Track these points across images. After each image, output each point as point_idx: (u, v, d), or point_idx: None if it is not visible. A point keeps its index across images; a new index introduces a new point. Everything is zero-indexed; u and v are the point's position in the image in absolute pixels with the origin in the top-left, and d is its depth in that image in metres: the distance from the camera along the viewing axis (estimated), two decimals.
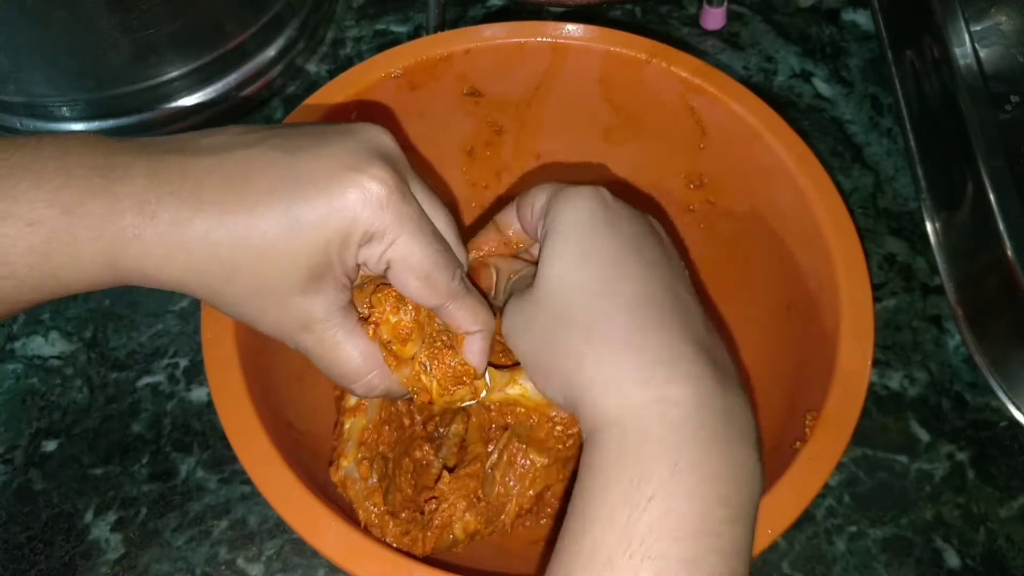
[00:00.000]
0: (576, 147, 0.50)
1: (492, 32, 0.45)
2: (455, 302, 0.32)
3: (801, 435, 0.35)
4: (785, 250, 0.43)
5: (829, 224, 0.39)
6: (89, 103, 0.55)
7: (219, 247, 0.28)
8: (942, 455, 0.48)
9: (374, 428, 0.39)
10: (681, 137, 0.46)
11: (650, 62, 0.45)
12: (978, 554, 0.45)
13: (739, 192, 0.46)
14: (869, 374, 0.36)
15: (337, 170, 0.28)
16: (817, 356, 0.38)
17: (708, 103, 0.44)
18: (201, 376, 0.50)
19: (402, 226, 0.29)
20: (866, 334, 0.37)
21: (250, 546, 0.45)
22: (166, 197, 0.27)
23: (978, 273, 0.51)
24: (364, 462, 0.38)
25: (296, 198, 0.28)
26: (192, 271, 0.28)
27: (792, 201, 0.41)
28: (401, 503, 0.38)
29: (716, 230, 0.48)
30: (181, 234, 0.27)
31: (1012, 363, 0.49)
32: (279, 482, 0.33)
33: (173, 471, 0.47)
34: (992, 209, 0.48)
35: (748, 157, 0.43)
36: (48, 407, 0.49)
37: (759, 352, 0.44)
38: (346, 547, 0.32)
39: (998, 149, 0.50)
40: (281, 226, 0.28)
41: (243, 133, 0.30)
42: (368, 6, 0.66)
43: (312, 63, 0.63)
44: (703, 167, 0.47)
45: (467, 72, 0.46)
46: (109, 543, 0.45)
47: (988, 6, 0.63)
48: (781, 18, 0.66)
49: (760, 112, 0.43)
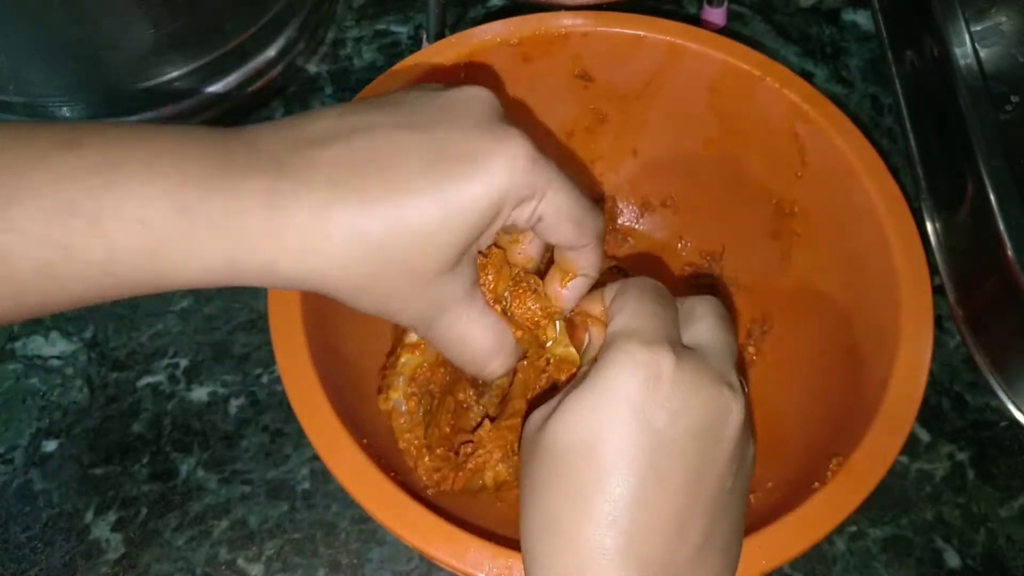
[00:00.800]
0: (676, 150, 0.50)
1: (613, 19, 0.45)
2: (597, 242, 0.32)
3: (822, 478, 0.34)
4: (855, 296, 0.42)
5: (907, 278, 0.38)
6: (89, 103, 0.55)
7: (367, 236, 0.26)
8: (942, 455, 0.48)
9: (429, 367, 0.40)
10: (781, 161, 0.46)
11: (764, 79, 0.44)
12: (978, 554, 0.45)
13: (828, 227, 0.45)
14: (907, 436, 0.35)
15: (478, 141, 0.27)
16: (858, 405, 0.37)
17: (813, 132, 0.43)
18: (201, 376, 0.50)
19: (549, 181, 0.29)
20: (914, 397, 0.36)
21: (250, 546, 0.45)
22: (300, 190, 0.25)
23: (978, 273, 0.51)
24: (413, 397, 0.39)
25: (445, 178, 0.27)
26: (336, 264, 0.26)
27: (874, 246, 0.40)
28: (438, 439, 0.39)
29: (794, 261, 0.47)
30: (322, 226, 0.26)
31: (1012, 363, 0.49)
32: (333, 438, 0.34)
33: (173, 471, 0.47)
34: (992, 209, 0.48)
35: (842, 194, 0.43)
36: (48, 407, 0.49)
37: (803, 390, 0.44)
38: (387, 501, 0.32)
39: (998, 149, 0.50)
40: (434, 209, 0.26)
41: (352, 114, 0.28)
42: (368, 6, 0.66)
43: (312, 63, 0.63)
44: (798, 196, 0.46)
45: (582, 54, 0.46)
46: (109, 543, 0.45)
47: (988, 6, 0.63)
48: (781, 18, 0.66)
49: (861, 150, 0.42)
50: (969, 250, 0.52)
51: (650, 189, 0.52)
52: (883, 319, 0.39)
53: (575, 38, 0.45)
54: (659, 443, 0.27)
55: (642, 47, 0.46)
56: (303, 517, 0.46)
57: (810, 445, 0.39)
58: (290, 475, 0.47)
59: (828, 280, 0.45)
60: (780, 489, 0.38)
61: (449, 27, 0.61)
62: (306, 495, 0.47)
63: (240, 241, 0.25)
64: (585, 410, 0.27)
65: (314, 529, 0.46)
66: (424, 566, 0.45)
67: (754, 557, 0.31)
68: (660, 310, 0.30)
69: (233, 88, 0.59)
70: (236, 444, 0.48)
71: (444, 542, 0.31)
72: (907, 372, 0.36)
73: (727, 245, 0.51)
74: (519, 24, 0.45)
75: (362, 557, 0.45)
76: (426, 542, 0.31)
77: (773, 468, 0.40)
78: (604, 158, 0.52)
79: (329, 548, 0.45)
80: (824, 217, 0.45)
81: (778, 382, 0.46)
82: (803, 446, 0.40)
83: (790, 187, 0.46)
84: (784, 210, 0.47)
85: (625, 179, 0.52)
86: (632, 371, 0.27)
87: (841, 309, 0.43)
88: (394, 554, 0.45)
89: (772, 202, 0.47)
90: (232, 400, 0.49)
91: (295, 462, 0.48)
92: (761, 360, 0.47)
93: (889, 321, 0.38)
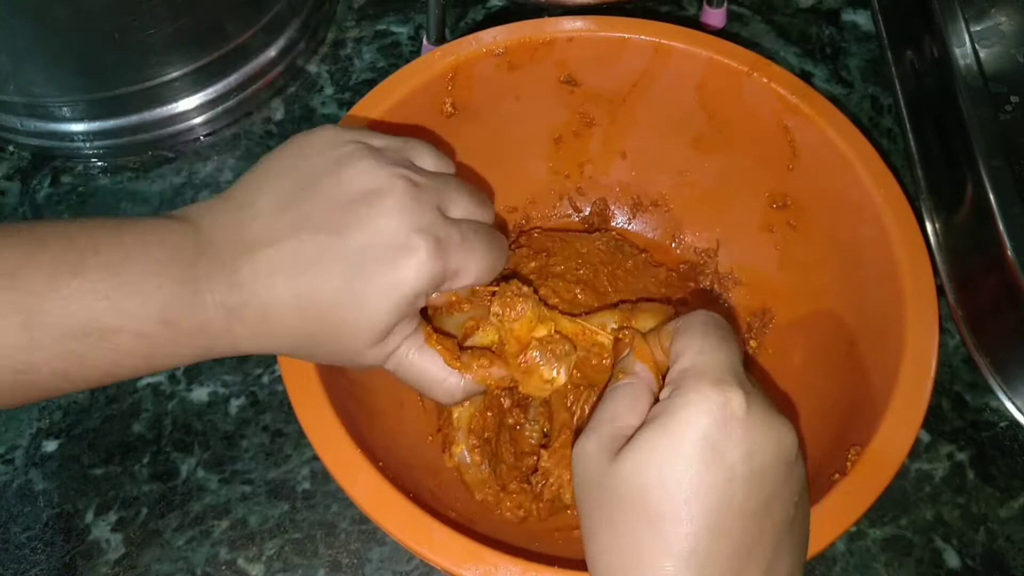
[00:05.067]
0: (664, 150, 0.50)
1: (597, 23, 0.45)
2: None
3: (842, 468, 0.35)
4: (858, 285, 0.42)
5: (907, 265, 0.39)
6: (89, 103, 0.55)
7: (298, 331, 0.32)
8: (942, 455, 0.48)
9: (479, 415, 0.42)
10: (772, 155, 0.46)
11: (751, 75, 0.44)
12: (978, 554, 0.45)
13: (822, 218, 0.45)
14: (922, 419, 0.35)
15: (393, 252, 0.32)
16: (872, 393, 0.37)
17: (803, 124, 0.44)
18: (201, 376, 0.50)
19: (459, 266, 0.34)
20: (925, 380, 0.36)
21: (250, 546, 0.45)
22: (248, 300, 0.31)
23: (978, 273, 0.51)
24: (476, 449, 0.41)
25: (366, 287, 0.32)
26: (280, 347, 0.34)
27: (873, 235, 0.41)
28: (507, 473, 0.42)
29: (792, 253, 0.47)
30: (265, 327, 0.32)
31: (1012, 363, 0.49)
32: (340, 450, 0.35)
33: (173, 471, 0.47)
34: (992, 209, 0.48)
35: (836, 185, 0.43)
36: (48, 407, 0.49)
37: (815, 380, 0.44)
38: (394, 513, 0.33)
39: (998, 149, 0.50)
40: (356, 311, 0.32)
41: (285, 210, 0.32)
42: (369, 7, 0.66)
43: (312, 64, 0.63)
44: (789, 188, 0.46)
45: (567, 60, 0.46)
46: (109, 543, 0.45)
47: (988, 6, 0.63)
48: (781, 18, 0.66)
49: (854, 140, 0.42)
50: (969, 250, 0.52)
51: (641, 190, 0.52)
52: (886, 307, 0.39)
53: (560, 44, 0.45)
54: (734, 480, 0.28)
55: (627, 49, 0.46)
56: (303, 517, 0.46)
57: (824, 436, 0.40)
58: (290, 475, 0.47)
59: (826, 271, 0.45)
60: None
61: (449, 28, 0.61)
62: (306, 495, 0.47)
63: (210, 340, 0.32)
64: (661, 450, 0.28)
65: (314, 529, 0.46)
66: (424, 567, 0.45)
67: None
68: (725, 344, 0.31)
69: (233, 88, 0.59)
70: (236, 444, 0.48)
71: (473, 561, 0.32)
72: (916, 359, 0.36)
73: (721, 241, 0.51)
74: (504, 33, 0.45)
75: (362, 557, 0.45)
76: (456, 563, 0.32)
77: (808, 459, 0.41)
78: (593, 161, 0.52)
79: (329, 548, 0.45)
80: (818, 208, 0.45)
81: (782, 375, 0.46)
82: (816, 437, 0.40)
83: (782, 180, 0.46)
84: (777, 203, 0.47)
85: (615, 181, 0.52)
86: (706, 410, 0.28)
87: (842, 299, 0.43)
88: (394, 554, 0.45)
89: (764, 196, 0.47)
90: (232, 400, 0.49)
91: (295, 462, 0.48)
92: (763, 352, 0.48)
93: (893, 310, 0.38)
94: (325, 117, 0.60)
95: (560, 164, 0.52)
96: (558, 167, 0.52)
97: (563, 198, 0.53)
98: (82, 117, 0.56)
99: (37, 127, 0.56)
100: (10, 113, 0.56)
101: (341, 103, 0.61)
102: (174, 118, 0.58)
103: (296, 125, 0.60)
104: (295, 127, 0.60)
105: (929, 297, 0.38)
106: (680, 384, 0.30)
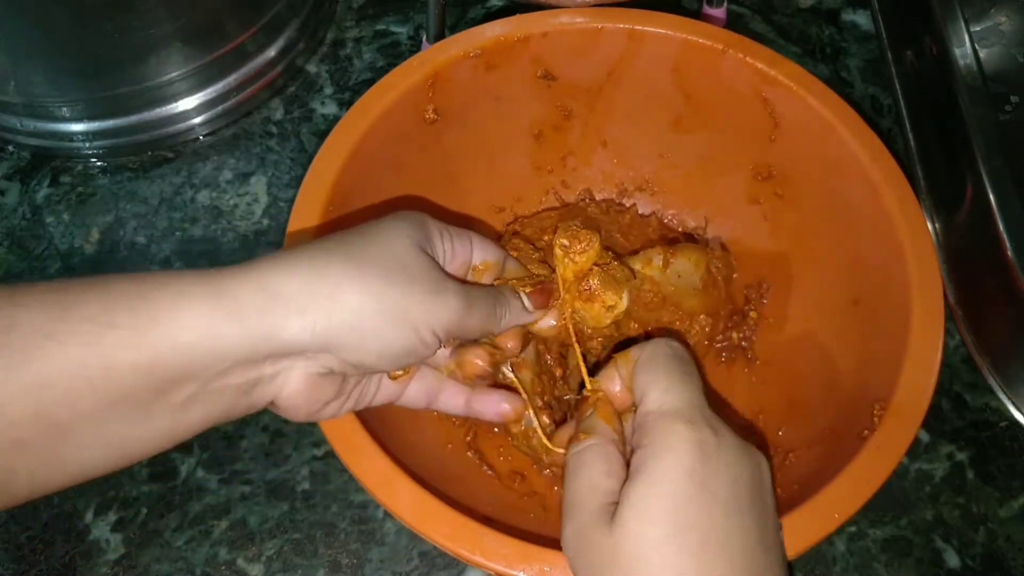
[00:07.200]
0: (644, 134, 0.50)
1: (571, 16, 0.45)
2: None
3: (870, 425, 0.36)
4: (853, 244, 0.43)
5: (900, 217, 0.39)
6: (89, 103, 0.55)
7: None
8: (942, 455, 0.48)
9: (537, 379, 0.42)
10: (752, 128, 0.46)
11: (726, 52, 0.44)
12: (978, 554, 0.45)
13: (808, 185, 0.45)
14: (939, 366, 0.36)
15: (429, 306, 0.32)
16: (887, 348, 0.38)
17: (782, 95, 0.44)
18: None
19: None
20: (936, 325, 0.37)
21: (250, 546, 0.45)
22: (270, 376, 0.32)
23: (978, 273, 0.51)
24: (540, 411, 0.41)
25: (400, 337, 0.32)
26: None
27: (863, 195, 0.41)
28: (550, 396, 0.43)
29: (782, 223, 0.48)
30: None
31: (1012, 363, 0.49)
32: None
33: (173, 471, 0.47)
34: (992, 209, 0.48)
35: (820, 150, 0.43)
36: None
37: (826, 344, 0.44)
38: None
39: (998, 149, 0.50)
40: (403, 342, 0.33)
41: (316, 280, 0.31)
42: (368, 7, 0.66)
43: (312, 64, 0.63)
44: (773, 159, 0.47)
45: (543, 55, 0.46)
46: (109, 543, 0.45)
47: (988, 6, 0.63)
48: (781, 18, 0.66)
49: (834, 105, 0.42)
50: (969, 250, 0.52)
51: (624, 176, 0.53)
52: (887, 261, 0.39)
53: (535, 40, 0.45)
54: (727, 509, 0.29)
55: (601, 38, 0.46)
56: (303, 517, 0.46)
57: (841, 398, 0.40)
58: (290, 475, 0.47)
59: (820, 237, 0.45)
60: (823, 442, 0.39)
61: (449, 27, 0.61)
62: (306, 495, 0.47)
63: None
64: (656, 497, 0.29)
65: (314, 529, 0.46)
66: (424, 566, 0.45)
67: (826, 514, 0.33)
68: (688, 379, 0.32)
69: (232, 88, 0.59)
70: (236, 444, 0.48)
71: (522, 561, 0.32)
72: (924, 306, 0.37)
73: (708, 217, 0.51)
74: (478, 34, 0.45)
75: (362, 557, 0.45)
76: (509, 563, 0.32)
77: (798, 427, 0.42)
78: (575, 153, 0.52)
79: (329, 548, 0.45)
80: (803, 175, 0.46)
81: (787, 343, 0.46)
82: (833, 400, 0.40)
83: (764, 152, 0.47)
84: (761, 175, 0.48)
85: (599, 170, 0.53)
86: (686, 451, 0.30)
87: (838, 261, 0.44)
88: (394, 554, 0.45)
89: (748, 169, 0.48)
90: None
91: (295, 462, 0.48)
92: (764, 323, 0.48)
93: (894, 264, 0.39)
94: (324, 117, 0.60)
95: (542, 159, 0.52)
96: (541, 162, 0.52)
97: (548, 192, 0.53)
98: (82, 117, 0.56)
99: (37, 127, 0.56)
100: (10, 113, 0.56)
101: (341, 103, 0.61)
102: (173, 118, 0.58)
103: (295, 125, 0.60)
104: (294, 127, 0.60)
105: (927, 244, 0.38)
106: (652, 427, 0.31)
